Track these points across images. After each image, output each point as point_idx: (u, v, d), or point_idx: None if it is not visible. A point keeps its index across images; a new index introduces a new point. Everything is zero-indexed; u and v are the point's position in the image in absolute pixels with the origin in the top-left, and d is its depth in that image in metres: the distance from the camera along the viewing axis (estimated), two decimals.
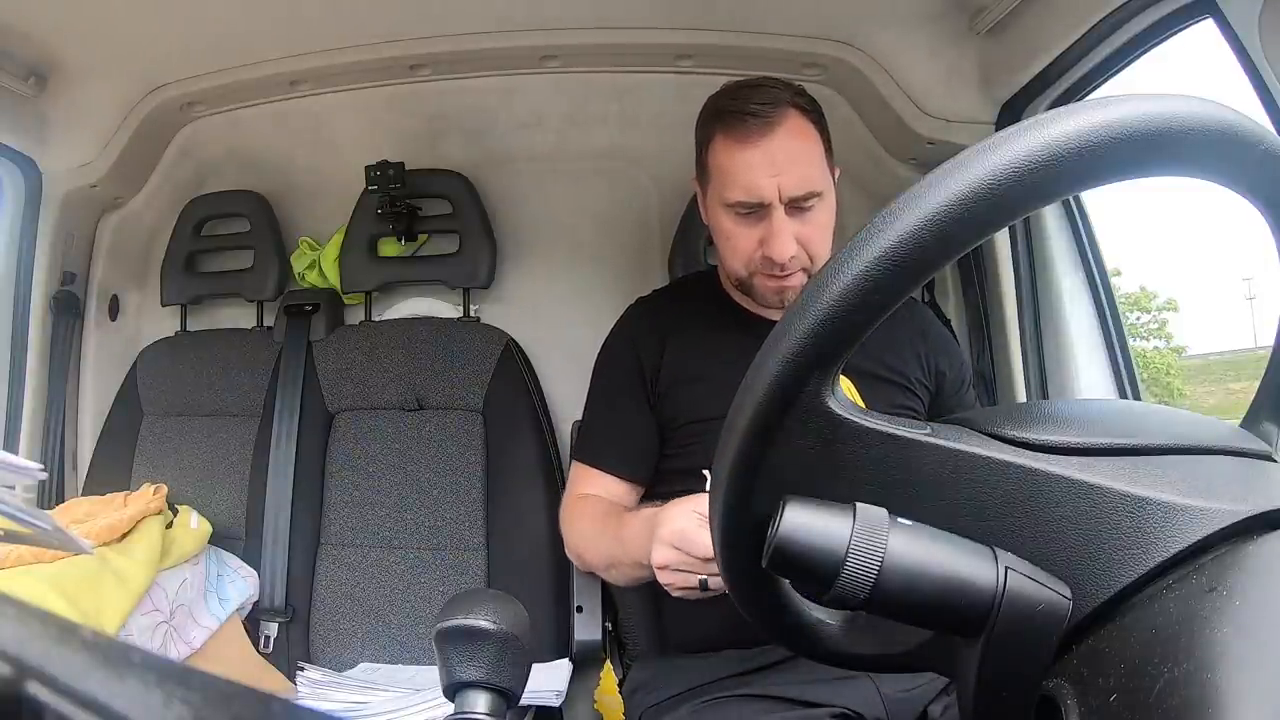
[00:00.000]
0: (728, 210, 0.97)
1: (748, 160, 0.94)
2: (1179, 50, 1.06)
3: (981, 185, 0.33)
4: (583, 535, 1.04)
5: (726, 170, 0.96)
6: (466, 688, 0.57)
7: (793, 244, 0.94)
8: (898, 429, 0.38)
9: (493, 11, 1.35)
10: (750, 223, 0.96)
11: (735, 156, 0.95)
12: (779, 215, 0.94)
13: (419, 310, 1.60)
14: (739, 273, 1.00)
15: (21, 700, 0.15)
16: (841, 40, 1.38)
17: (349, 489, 1.42)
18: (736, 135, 0.95)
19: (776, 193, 0.93)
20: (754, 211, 0.96)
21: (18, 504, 0.47)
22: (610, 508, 1.02)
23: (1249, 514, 0.36)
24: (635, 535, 0.89)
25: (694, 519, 0.77)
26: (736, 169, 0.95)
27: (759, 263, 0.97)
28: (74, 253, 1.53)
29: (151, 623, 1.17)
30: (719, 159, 0.97)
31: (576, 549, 1.06)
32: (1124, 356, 1.32)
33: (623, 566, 0.95)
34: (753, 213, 0.96)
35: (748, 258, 0.98)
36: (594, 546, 1.02)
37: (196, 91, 1.49)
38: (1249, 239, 0.46)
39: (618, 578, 1.01)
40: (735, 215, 0.97)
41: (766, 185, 0.93)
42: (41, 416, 1.48)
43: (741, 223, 0.97)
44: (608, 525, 0.97)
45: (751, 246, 0.97)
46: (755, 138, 0.94)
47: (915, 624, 0.38)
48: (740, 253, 0.98)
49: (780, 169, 0.93)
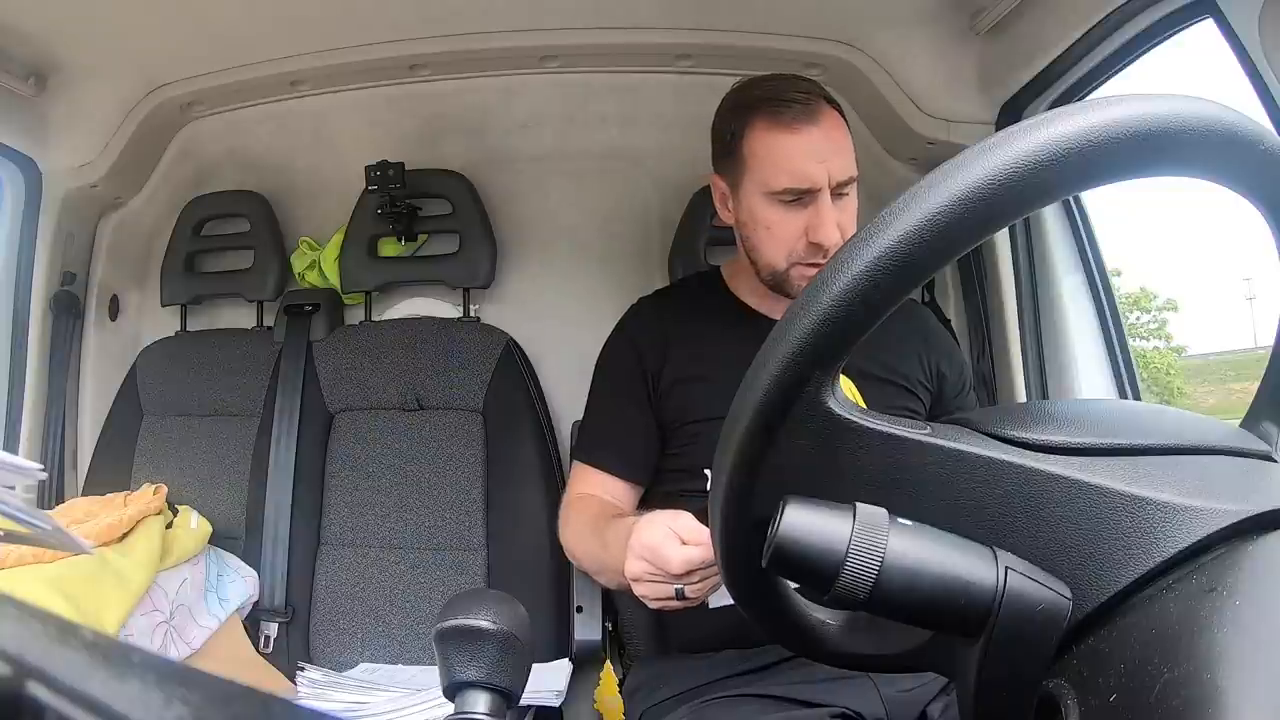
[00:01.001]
0: (772, 199, 0.96)
1: (797, 145, 0.94)
2: (1179, 50, 1.06)
3: (981, 185, 0.33)
4: (577, 535, 1.03)
5: (771, 157, 0.95)
6: (466, 688, 0.57)
7: (837, 230, 0.94)
8: (898, 429, 0.38)
9: (493, 11, 1.36)
10: (795, 210, 0.96)
11: (783, 142, 0.94)
12: (826, 200, 0.94)
13: (419, 310, 1.60)
14: (777, 265, 0.98)
15: (21, 700, 0.15)
16: (842, 40, 1.38)
17: (349, 489, 1.42)
18: (783, 122, 0.94)
19: (826, 177, 0.93)
20: (799, 199, 0.95)
21: (18, 504, 0.47)
22: (603, 509, 1.01)
23: (1249, 514, 0.36)
24: (615, 543, 0.88)
25: (666, 534, 0.76)
26: (784, 155, 0.94)
27: (802, 251, 0.96)
28: (74, 253, 1.53)
29: (151, 623, 1.17)
30: (761, 146, 0.96)
31: (570, 548, 1.06)
32: (1124, 356, 1.32)
33: (608, 572, 0.95)
34: (798, 200, 0.95)
35: (790, 247, 0.97)
36: (584, 548, 1.01)
37: (196, 91, 1.49)
38: (1249, 239, 0.46)
39: (606, 582, 1.01)
40: (780, 204, 0.96)
41: (816, 170, 0.93)
42: (41, 416, 1.48)
43: (786, 211, 0.96)
44: (596, 529, 0.97)
45: (795, 235, 0.96)
46: (802, 124, 0.94)
47: (915, 624, 0.38)
48: (783, 242, 0.97)
49: (827, 155, 0.93)
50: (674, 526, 0.76)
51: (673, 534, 0.76)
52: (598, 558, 0.96)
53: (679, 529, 0.76)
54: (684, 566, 0.74)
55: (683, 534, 0.75)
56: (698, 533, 0.75)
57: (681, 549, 0.75)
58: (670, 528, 0.76)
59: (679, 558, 0.74)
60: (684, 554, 0.74)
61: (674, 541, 0.75)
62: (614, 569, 0.90)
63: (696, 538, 0.75)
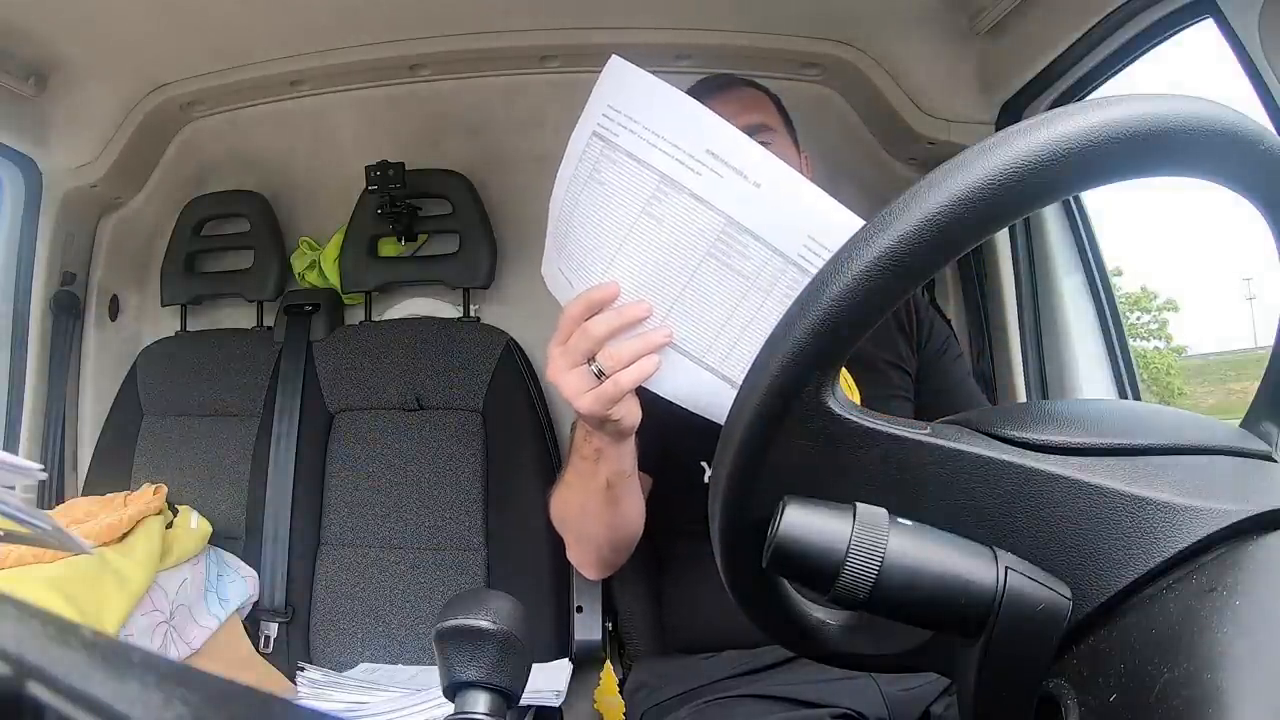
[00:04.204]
0: None
1: (719, 110, 1.01)
2: (1179, 50, 1.06)
3: (981, 185, 0.33)
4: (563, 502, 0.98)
5: None
6: (466, 688, 0.57)
7: None
8: (898, 429, 0.38)
9: (493, 11, 1.36)
10: None
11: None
12: None
13: (419, 310, 1.60)
14: None
15: (21, 700, 0.15)
16: (841, 40, 1.38)
17: (349, 489, 1.42)
18: (702, 99, 1.01)
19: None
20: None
21: (18, 504, 0.47)
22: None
23: (1249, 514, 0.35)
24: (579, 456, 0.86)
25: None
26: None
27: None
28: (74, 253, 1.53)
29: (151, 623, 1.17)
30: None
31: (560, 516, 1.01)
32: (1124, 356, 1.32)
33: (579, 487, 0.90)
34: None
35: None
36: (567, 500, 0.96)
37: (196, 91, 1.49)
38: (1249, 239, 0.46)
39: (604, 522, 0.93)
40: None
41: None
42: (41, 416, 1.48)
43: None
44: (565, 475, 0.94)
45: None
46: (715, 93, 1.04)
47: (915, 624, 0.38)
48: None
49: (733, 113, 0.94)
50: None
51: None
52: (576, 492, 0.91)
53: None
54: (581, 309, 0.67)
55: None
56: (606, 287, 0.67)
57: (577, 298, 0.67)
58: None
59: (572, 307, 0.67)
60: (579, 300, 0.67)
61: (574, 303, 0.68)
62: (581, 471, 0.86)
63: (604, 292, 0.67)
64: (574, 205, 0.69)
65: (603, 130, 0.67)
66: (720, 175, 0.63)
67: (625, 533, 0.94)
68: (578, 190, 0.69)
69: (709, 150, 0.63)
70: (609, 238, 0.67)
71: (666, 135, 0.64)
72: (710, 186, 0.63)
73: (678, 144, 0.63)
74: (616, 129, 0.66)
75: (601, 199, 0.67)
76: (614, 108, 0.66)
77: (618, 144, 0.65)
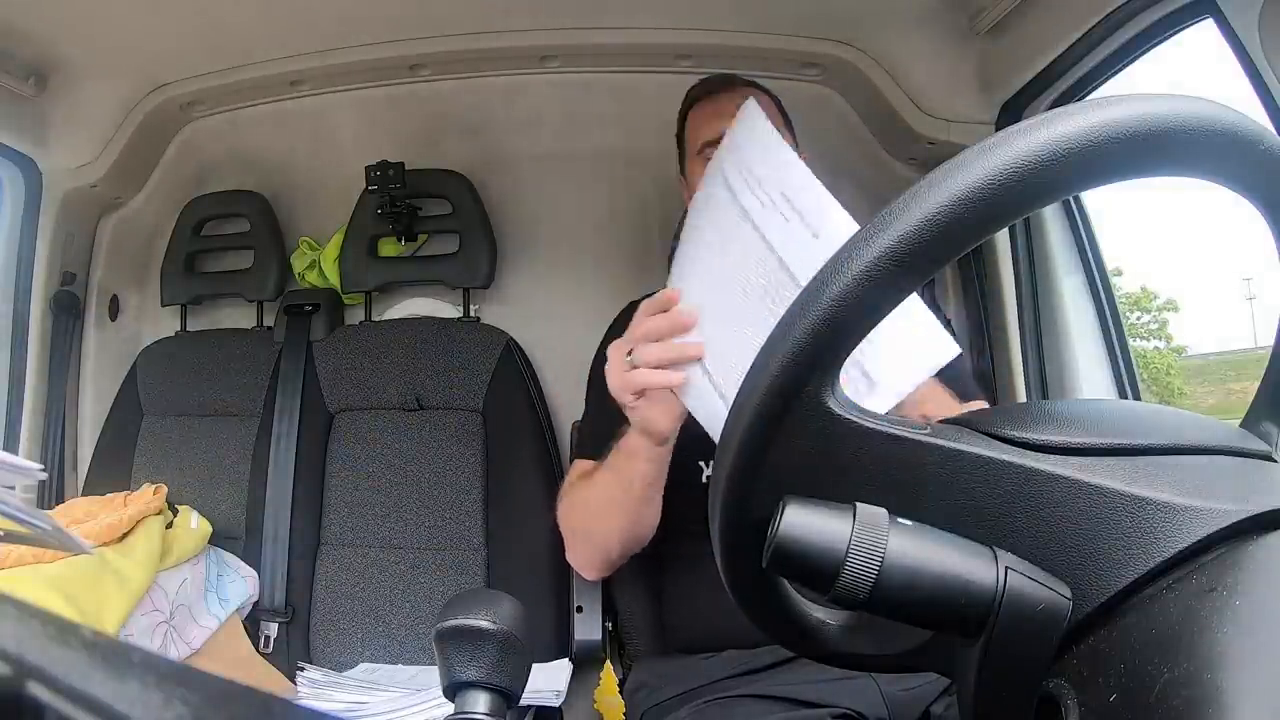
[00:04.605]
0: (699, 160, 1.07)
1: (713, 107, 1.10)
2: (1179, 50, 1.06)
3: (981, 185, 0.33)
4: (578, 497, 1.01)
5: (695, 123, 1.12)
6: (466, 688, 0.57)
7: None
8: (898, 429, 0.38)
9: (493, 11, 1.36)
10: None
11: (703, 108, 1.12)
12: None
13: (419, 310, 1.60)
14: None
15: (21, 700, 0.15)
16: (841, 40, 1.38)
17: (349, 489, 1.42)
18: (702, 97, 1.13)
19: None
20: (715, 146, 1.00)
21: (18, 504, 0.47)
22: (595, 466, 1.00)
23: (1249, 514, 0.35)
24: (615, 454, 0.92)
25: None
26: (703, 118, 1.10)
27: None
28: (74, 253, 1.53)
29: (151, 623, 1.17)
30: (691, 121, 1.13)
31: (569, 517, 1.03)
32: (1124, 356, 1.32)
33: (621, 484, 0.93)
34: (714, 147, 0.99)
35: None
36: (583, 495, 0.99)
37: (196, 91, 1.49)
38: (1249, 239, 0.46)
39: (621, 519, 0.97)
40: (704, 160, 1.04)
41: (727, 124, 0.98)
42: (41, 416, 1.48)
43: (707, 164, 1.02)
44: (593, 476, 0.98)
45: None
46: (716, 91, 1.12)
47: (915, 624, 0.38)
48: None
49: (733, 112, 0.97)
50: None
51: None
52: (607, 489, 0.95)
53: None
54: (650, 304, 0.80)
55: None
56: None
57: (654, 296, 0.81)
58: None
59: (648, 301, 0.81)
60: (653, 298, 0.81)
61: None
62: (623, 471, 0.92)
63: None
64: (693, 218, 0.82)
65: (723, 161, 0.78)
66: (786, 219, 0.69)
67: (637, 533, 0.96)
68: (699, 206, 0.81)
69: (783, 193, 0.69)
70: (692, 253, 0.80)
71: (756, 172, 0.72)
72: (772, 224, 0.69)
73: (762, 182, 0.71)
74: (730, 165, 0.76)
75: (705, 220, 0.79)
76: (734, 145, 0.77)
77: (727, 176, 0.76)
